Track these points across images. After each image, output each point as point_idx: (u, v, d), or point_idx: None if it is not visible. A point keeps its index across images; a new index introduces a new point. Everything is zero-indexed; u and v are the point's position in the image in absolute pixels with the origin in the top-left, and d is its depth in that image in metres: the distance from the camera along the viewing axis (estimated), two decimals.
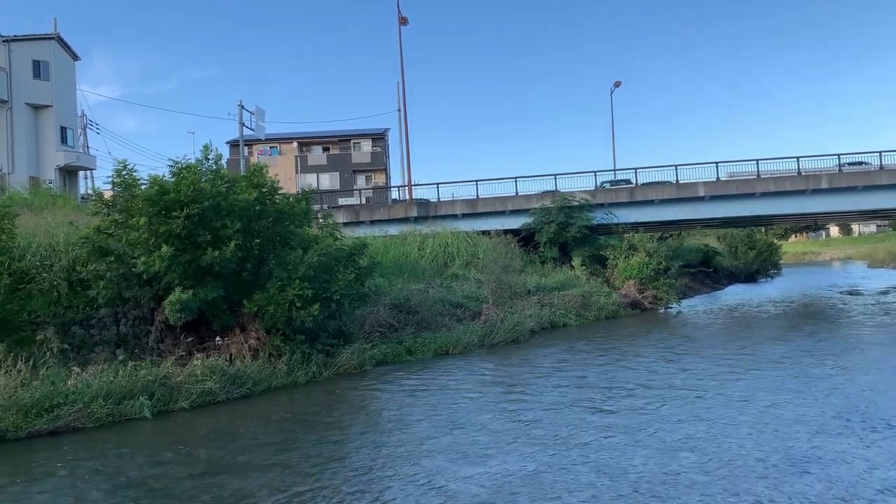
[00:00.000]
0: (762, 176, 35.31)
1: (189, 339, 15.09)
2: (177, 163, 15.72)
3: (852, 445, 8.60)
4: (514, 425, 10.49)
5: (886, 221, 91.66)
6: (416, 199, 38.29)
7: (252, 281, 15.77)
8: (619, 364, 16.04)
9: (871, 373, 13.42)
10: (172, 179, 15.13)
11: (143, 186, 15.41)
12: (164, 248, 14.08)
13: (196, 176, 15.12)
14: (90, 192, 23.94)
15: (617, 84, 56.82)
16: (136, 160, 43.18)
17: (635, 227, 35.36)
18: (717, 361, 15.63)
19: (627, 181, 37.09)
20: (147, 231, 14.56)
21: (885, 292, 33.86)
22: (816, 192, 34.31)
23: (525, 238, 33.93)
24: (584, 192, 35.55)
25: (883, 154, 34.64)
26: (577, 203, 34.40)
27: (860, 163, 35.22)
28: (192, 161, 16.22)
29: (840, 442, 8.78)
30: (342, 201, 43.68)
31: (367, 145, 60.01)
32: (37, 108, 36.30)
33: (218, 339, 15.34)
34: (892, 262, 60.16)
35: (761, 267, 55.52)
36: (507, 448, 9.21)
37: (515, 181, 37.13)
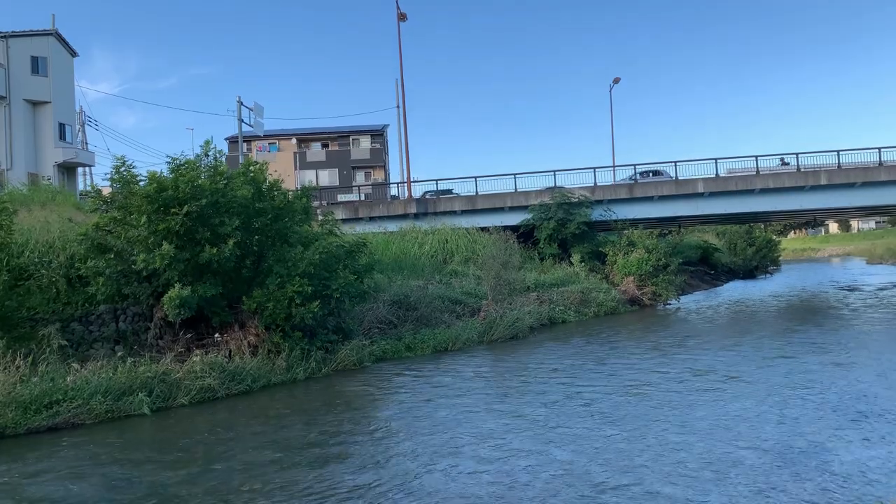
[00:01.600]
0: (761, 172, 35.32)
1: (188, 336, 15.09)
2: (175, 159, 15.71)
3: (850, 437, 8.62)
4: (513, 421, 10.49)
5: (885, 218, 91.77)
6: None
7: (251, 278, 15.78)
8: (619, 360, 16.05)
9: (872, 368, 13.43)
10: (171, 176, 15.11)
11: (141, 183, 15.39)
12: (166, 247, 14.09)
13: (194, 173, 15.11)
14: (89, 188, 23.89)
15: (616, 80, 56.71)
16: (135, 157, 43.31)
17: (634, 223, 35.37)
18: (715, 357, 15.63)
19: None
20: (146, 228, 14.56)
21: (883, 288, 33.88)
22: (815, 188, 34.33)
23: (524, 234, 33.93)
24: (584, 188, 35.54)
25: (882, 150, 34.64)
26: (576, 199, 34.39)
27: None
28: (191, 157, 16.23)
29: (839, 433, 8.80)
30: (341, 198, 43.61)
31: (366, 142, 59.94)
32: (35, 104, 36.22)
33: (217, 335, 15.34)
34: (891, 258, 60.19)
35: (760, 263, 55.51)
36: (505, 444, 9.21)
37: (514, 177, 37.12)
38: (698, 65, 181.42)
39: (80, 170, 41.48)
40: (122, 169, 15.78)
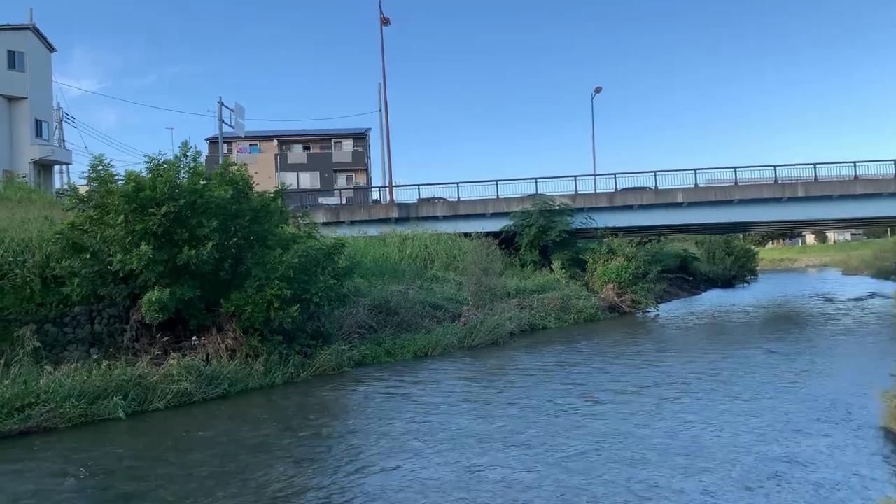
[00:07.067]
0: (740, 183, 35.79)
1: (165, 339, 14.89)
2: (153, 159, 15.54)
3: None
4: (489, 427, 10.46)
5: (861, 230, 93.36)
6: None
7: (230, 280, 15.64)
8: (596, 367, 16.09)
9: (841, 376, 13.58)
10: (149, 176, 14.94)
11: (119, 182, 15.19)
12: (144, 247, 13.91)
13: (173, 172, 14.95)
14: (65, 186, 23.56)
15: (598, 90, 56.96)
16: (114, 155, 42.78)
17: (615, 231, 35.63)
18: (689, 365, 15.72)
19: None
20: (123, 228, 14.36)
21: (858, 299, 34.37)
22: (793, 199, 34.87)
23: (506, 240, 34.00)
24: (565, 195, 35.75)
25: (858, 164, 35.27)
26: (557, 207, 34.56)
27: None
28: (170, 157, 16.07)
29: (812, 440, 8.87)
30: (322, 201, 43.45)
31: (348, 145, 59.81)
32: (11, 99, 35.69)
33: (194, 338, 15.15)
34: (866, 269, 61.14)
35: (738, 273, 56.11)
36: (480, 449, 9.18)
37: (496, 184, 37.26)
38: (681, 72, 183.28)
39: (56, 168, 40.92)
40: (100, 168, 15.57)
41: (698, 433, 9.78)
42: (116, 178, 15.47)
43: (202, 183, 15.78)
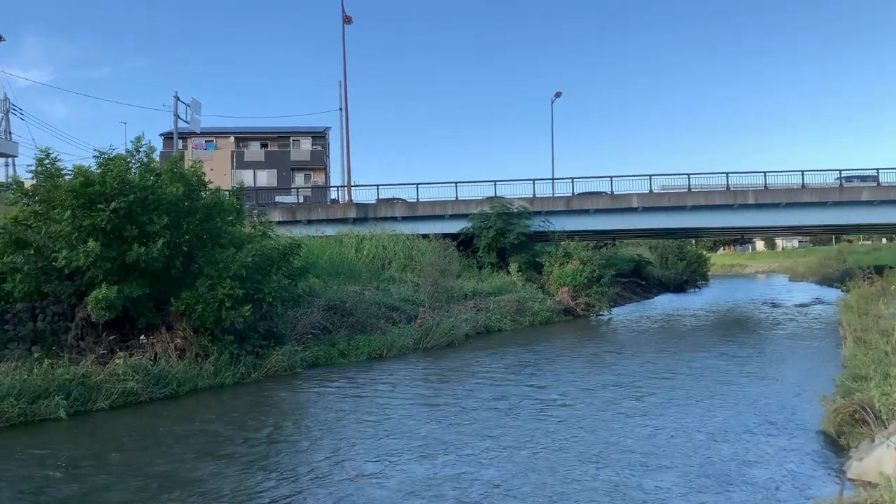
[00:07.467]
0: (693, 190, 36.59)
1: (111, 337, 14.51)
2: (102, 154, 15.16)
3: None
4: (443, 429, 10.46)
5: (808, 237, 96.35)
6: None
7: (181, 279, 15.34)
8: (553, 369, 16.24)
9: (787, 379, 13.97)
10: (98, 171, 14.56)
11: (67, 177, 14.76)
12: (92, 243, 13.55)
13: (123, 167, 14.59)
14: (9, 179, 22.76)
15: (558, 94, 57.59)
16: (64, 149, 41.30)
17: (572, 235, 36.03)
18: (644, 367, 15.98)
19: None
20: (70, 224, 13.96)
21: (803, 305, 35.41)
22: (743, 206, 35.78)
23: (464, 242, 34.12)
24: (523, 199, 36.01)
25: (805, 173, 36.38)
26: (515, 210, 34.81)
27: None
28: (122, 152, 15.69)
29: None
30: (279, 199, 42.92)
31: (307, 143, 59.19)
32: None
33: (142, 337, 14.82)
34: (811, 276, 63.07)
35: (690, 278, 57.24)
36: (432, 450, 9.17)
37: (455, 186, 37.32)
38: (634, 80, 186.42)
39: (1, 160, 39.56)
40: (46, 161, 15.10)
41: (654, 433, 9.99)
42: (64, 172, 15.03)
43: (153, 179, 15.46)
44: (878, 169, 36.62)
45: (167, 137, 50.59)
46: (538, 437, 9.93)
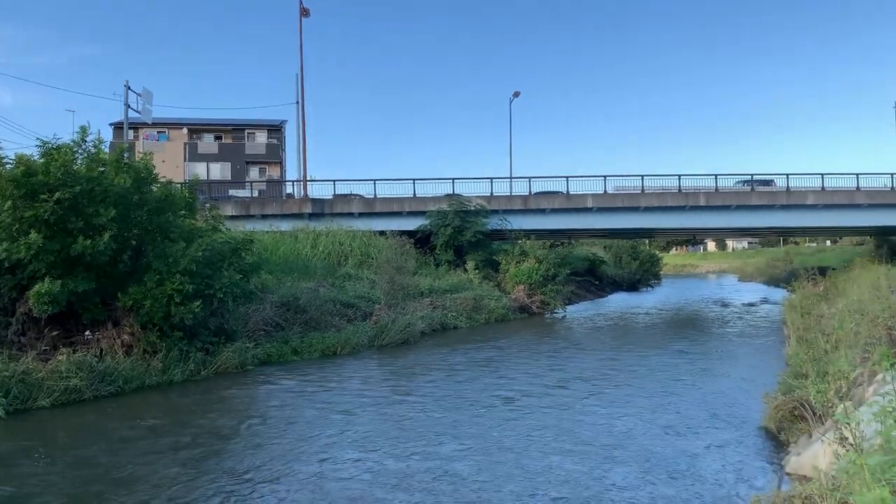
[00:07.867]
0: (646, 191, 37.28)
1: (55, 333, 14.04)
2: (46, 143, 14.66)
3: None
4: (393, 426, 10.42)
5: (757, 239, 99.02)
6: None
7: (128, 273, 14.97)
8: (508, 365, 16.33)
9: (734, 376, 14.33)
10: (42, 160, 14.08)
11: (8, 166, 14.24)
12: (34, 235, 13.12)
13: (68, 157, 14.14)
14: None
15: (516, 94, 57.99)
16: (8, 137, 39.87)
17: (528, 233, 36.34)
18: (598, 365, 16.20)
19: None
20: (10, 215, 13.48)
21: (751, 304, 36.37)
22: (695, 208, 36.61)
23: (421, 240, 34.09)
24: (481, 197, 36.19)
25: (755, 176, 37.40)
26: (473, 208, 34.95)
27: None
28: (68, 142, 15.20)
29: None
30: (233, 193, 42.16)
31: (262, 136, 58.25)
32: None
33: (87, 333, 14.39)
34: (760, 276, 64.91)
35: (643, 277, 58.29)
36: (385, 447, 9.12)
37: (413, 183, 37.29)
38: (591, 81, 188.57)
39: None
40: None
41: (610, 427, 10.23)
42: (5, 160, 14.50)
43: (101, 170, 15.02)
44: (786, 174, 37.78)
45: (117, 127, 49.22)
46: (498, 432, 9.97)
